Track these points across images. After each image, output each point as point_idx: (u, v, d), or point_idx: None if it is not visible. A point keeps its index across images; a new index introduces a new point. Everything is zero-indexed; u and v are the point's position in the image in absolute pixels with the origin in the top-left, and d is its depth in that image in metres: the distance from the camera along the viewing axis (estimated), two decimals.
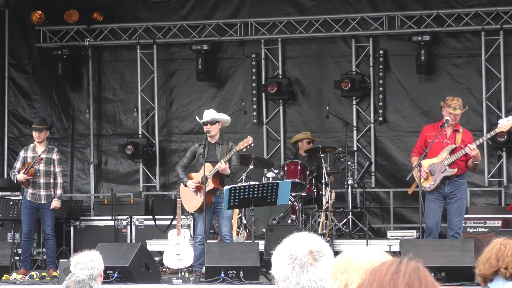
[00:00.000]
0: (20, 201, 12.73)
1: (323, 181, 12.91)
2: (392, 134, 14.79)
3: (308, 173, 13.06)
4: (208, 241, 10.76)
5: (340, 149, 13.52)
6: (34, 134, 12.16)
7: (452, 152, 10.55)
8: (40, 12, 15.44)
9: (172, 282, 10.12)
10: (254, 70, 15.14)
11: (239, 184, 11.23)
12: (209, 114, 10.98)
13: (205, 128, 10.92)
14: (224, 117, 11.13)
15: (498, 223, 12.62)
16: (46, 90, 15.88)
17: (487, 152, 14.12)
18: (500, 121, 10.62)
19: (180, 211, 11.55)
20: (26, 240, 12.07)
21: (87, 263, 6.63)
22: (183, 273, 10.85)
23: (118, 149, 15.51)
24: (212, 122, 10.91)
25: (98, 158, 15.76)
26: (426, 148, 10.53)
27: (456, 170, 10.50)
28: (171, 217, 13.41)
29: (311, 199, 13.02)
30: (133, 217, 13.87)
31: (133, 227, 13.83)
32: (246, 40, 15.21)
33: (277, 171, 13.11)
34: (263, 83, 15.08)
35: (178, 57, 15.52)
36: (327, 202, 11.83)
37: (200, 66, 15.00)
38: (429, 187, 10.54)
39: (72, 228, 13.84)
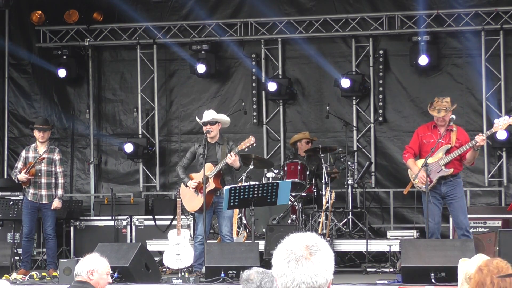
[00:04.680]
0: (20, 201, 12.74)
1: (323, 181, 12.92)
2: (392, 134, 14.80)
3: (308, 173, 13.07)
4: (208, 241, 10.76)
5: (340, 149, 13.53)
6: (38, 134, 12.14)
7: (448, 152, 10.54)
8: (40, 12, 15.45)
9: (172, 282, 10.12)
10: (254, 70, 15.14)
11: (239, 184, 11.23)
12: (209, 114, 10.97)
13: (205, 129, 10.91)
14: (224, 118, 11.13)
15: (498, 223, 12.63)
16: (46, 90, 15.88)
17: (487, 152, 14.12)
18: (496, 120, 10.61)
19: (180, 211, 11.55)
20: (27, 240, 12.07)
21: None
22: (183, 273, 10.85)
23: (118, 149, 15.52)
24: (212, 123, 10.91)
25: (98, 158, 15.77)
26: (432, 148, 10.48)
27: (452, 170, 10.49)
28: (171, 217, 13.42)
29: (311, 199, 13.02)
30: (133, 217, 13.88)
31: (133, 227, 13.83)
32: (246, 40, 15.22)
33: (277, 171, 13.12)
34: (263, 82, 15.08)
35: (178, 57, 15.51)
36: (327, 202, 11.84)
37: (200, 66, 14.99)
38: (425, 187, 10.52)
39: (72, 228, 13.85)
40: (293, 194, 12.24)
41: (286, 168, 13.07)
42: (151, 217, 13.88)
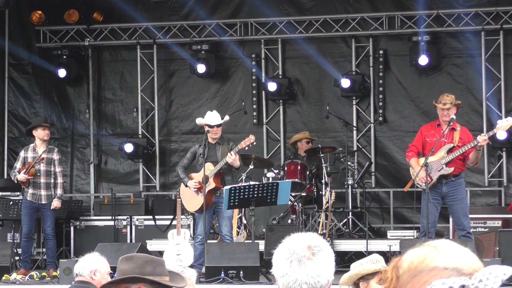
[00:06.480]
0: (20, 201, 12.72)
1: (323, 181, 12.92)
2: (392, 134, 14.80)
3: (308, 173, 13.06)
4: (208, 241, 10.76)
5: (340, 149, 13.53)
6: (43, 132, 12.07)
7: (450, 151, 10.54)
8: (40, 12, 15.44)
9: None
10: (254, 70, 15.14)
11: (239, 184, 11.23)
12: (215, 116, 10.93)
13: (212, 130, 10.87)
14: (226, 118, 11.18)
15: (498, 223, 12.63)
16: (46, 90, 15.87)
17: (487, 152, 14.11)
18: (498, 121, 10.60)
19: (180, 211, 11.55)
20: (26, 240, 12.07)
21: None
22: None
23: (118, 149, 15.51)
24: (219, 125, 10.93)
25: (98, 158, 15.77)
26: (432, 148, 10.48)
27: (453, 169, 10.46)
28: (171, 217, 13.41)
29: (311, 199, 13.02)
30: (133, 217, 13.87)
31: (133, 227, 13.83)
32: (246, 40, 15.21)
33: (277, 171, 13.11)
34: (263, 82, 15.08)
35: (178, 57, 15.50)
36: (327, 202, 11.83)
37: (200, 66, 14.99)
38: (425, 185, 10.51)
39: (72, 228, 13.84)
40: (293, 194, 12.24)
41: (286, 168, 13.07)
42: (151, 217, 13.88)
